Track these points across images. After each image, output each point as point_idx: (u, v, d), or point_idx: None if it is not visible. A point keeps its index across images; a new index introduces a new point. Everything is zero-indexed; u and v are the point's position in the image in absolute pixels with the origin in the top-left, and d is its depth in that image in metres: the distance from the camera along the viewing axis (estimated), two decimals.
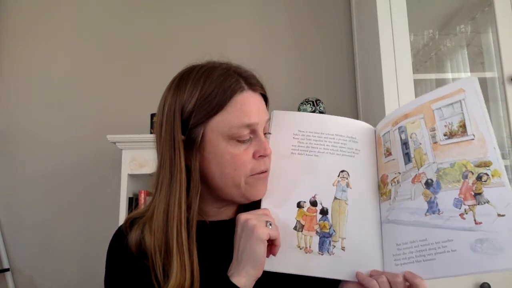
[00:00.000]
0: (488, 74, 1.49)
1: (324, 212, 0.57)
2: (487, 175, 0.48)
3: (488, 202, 0.47)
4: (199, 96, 0.57)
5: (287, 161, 0.61)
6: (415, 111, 0.57)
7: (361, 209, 0.58)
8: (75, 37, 1.84)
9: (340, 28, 1.87)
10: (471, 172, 0.49)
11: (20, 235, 1.71)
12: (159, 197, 0.59)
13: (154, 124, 0.66)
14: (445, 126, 0.53)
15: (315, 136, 0.61)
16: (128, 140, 1.47)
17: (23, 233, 1.71)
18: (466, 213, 0.48)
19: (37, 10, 1.86)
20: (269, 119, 0.63)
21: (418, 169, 0.53)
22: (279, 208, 0.58)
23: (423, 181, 0.52)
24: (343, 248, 0.55)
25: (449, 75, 1.57)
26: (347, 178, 0.59)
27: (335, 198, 0.58)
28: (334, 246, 0.56)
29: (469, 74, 1.53)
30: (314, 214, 0.57)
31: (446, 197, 0.50)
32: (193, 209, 0.58)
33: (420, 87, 1.51)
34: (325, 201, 0.58)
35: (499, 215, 0.46)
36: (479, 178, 0.48)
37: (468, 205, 0.48)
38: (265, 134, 0.62)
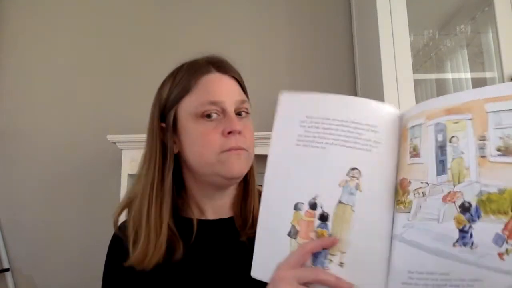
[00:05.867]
0: (488, 74, 1.49)
1: (324, 218, 0.47)
2: None
3: None
4: (172, 85, 0.64)
5: (290, 154, 0.50)
6: (462, 107, 0.43)
7: (370, 219, 0.47)
8: (75, 37, 1.84)
9: (340, 28, 1.87)
10: None
11: (20, 235, 1.71)
12: (138, 185, 0.64)
13: None
14: (501, 138, 0.40)
15: (324, 123, 0.50)
16: (128, 140, 1.47)
17: (23, 233, 1.71)
18: (508, 254, 0.38)
19: (37, 10, 1.86)
20: (244, 100, 0.64)
21: (454, 186, 0.42)
22: (274, 208, 0.50)
23: (458, 202, 0.41)
24: (341, 265, 0.46)
25: (449, 75, 1.57)
26: (357, 178, 0.47)
27: (340, 202, 0.47)
28: (331, 261, 0.46)
29: (469, 74, 1.53)
30: (312, 219, 0.48)
31: (485, 229, 0.39)
32: (166, 181, 0.62)
33: (420, 87, 1.51)
34: (327, 205, 0.47)
35: None
36: None
37: None
38: (240, 113, 0.63)
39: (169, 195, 0.62)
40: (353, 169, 0.48)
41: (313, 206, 0.48)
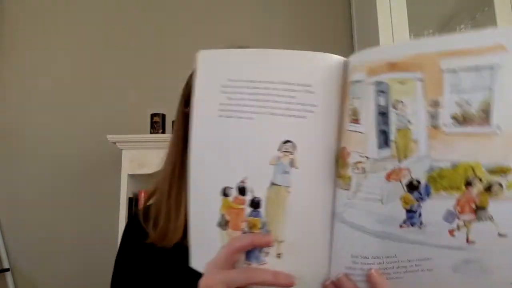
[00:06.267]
0: None
1: (255, 204, 0.40)
2: (501, 185, 0.33)
3: (491, 219, 0.34)
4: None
5: (213, 128, 0.42)
6: (410, 62, 0.35)
7: (309, 200, 0.40)
8: (75, 37, 1.84)
9: (340, 29, 1.87)
10: (480, 179, 0.34)
11: (20, 235, 1.71)
12: (163, 169, 0.66)
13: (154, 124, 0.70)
14: (458, 104, 0.33)
15: (249, 88, 0.40)
16: (128, 140, 1.48)
17: (23, 233, 1.71)
18: (458, 230, 0.35)
19: (37, 10, 1.86)
20: None
21: (400, 162, 0.35)
22: (201, 195, 0.43)
23: (405, 180, 0.35)
24: (278, 255, 0.40)
25: None
26: (292, 153, 0.39)
27: (272, 183, 0.40)
28: (267, 253, 0.40)
29: None
30: (242, 206, 0.40)
31: (435, 207, 0.35)
32: (185, 166, 0.65)
33: None
34: (258, 188, 0.40)
35: (500, 235, 0.34)
36: (488, 188, 0.33)
37: (464, 220, 0.34)
38: None
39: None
40: (285, 142, 0.39)
41: (242, 190, 0.40)
